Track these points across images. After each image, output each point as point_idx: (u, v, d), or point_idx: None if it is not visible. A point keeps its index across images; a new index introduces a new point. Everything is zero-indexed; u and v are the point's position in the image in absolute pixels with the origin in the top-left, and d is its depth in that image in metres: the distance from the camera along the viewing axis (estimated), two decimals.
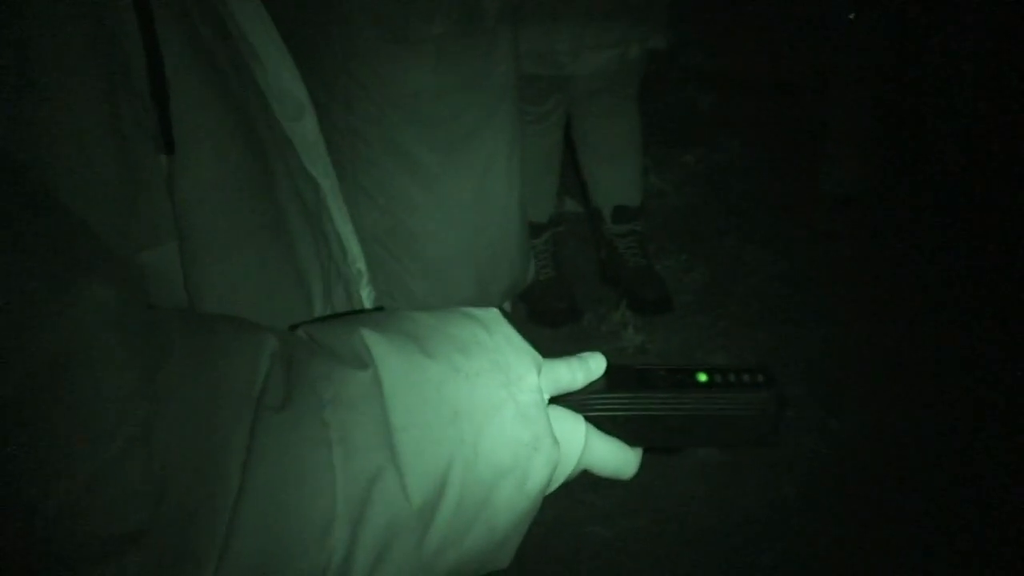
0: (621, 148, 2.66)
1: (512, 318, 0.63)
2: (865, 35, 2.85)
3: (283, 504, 0.47)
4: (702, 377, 0.66)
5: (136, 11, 0.55)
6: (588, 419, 0.65)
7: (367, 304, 0.89)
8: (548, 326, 2.58)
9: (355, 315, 0.63)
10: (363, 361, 0.53)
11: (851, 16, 2.84)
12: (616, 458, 0.64)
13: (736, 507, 2.04)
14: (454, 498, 0.53)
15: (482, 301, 2.18)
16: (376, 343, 0.54)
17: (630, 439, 0.66)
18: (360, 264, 0.88)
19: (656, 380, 0.66)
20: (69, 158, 0.51)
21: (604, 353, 0.66)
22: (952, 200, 2.80)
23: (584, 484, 0.67)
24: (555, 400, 0.63)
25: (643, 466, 0.66)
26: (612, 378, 0.66)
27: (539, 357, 0.61)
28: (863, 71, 2.89)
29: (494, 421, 0.55)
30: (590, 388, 0.65)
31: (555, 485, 0.62)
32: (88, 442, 0.41)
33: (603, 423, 0.65)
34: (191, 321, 0.50)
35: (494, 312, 0.62)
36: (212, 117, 0.62)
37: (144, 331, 0.45)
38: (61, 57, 0.50)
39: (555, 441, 0.58)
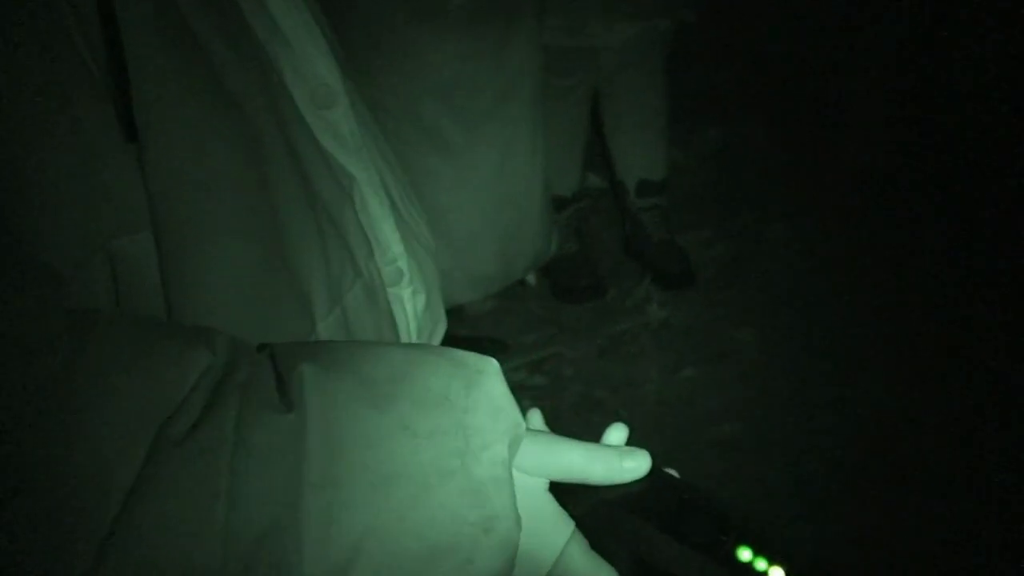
0: (647, 122, 2.64)
1: (536, 292, 0.56)
2: (888, 11, 2.80)
3: (159, 547, 0.43)
4: (744, 555, 0.52)
5: None
6: (587, 527, 0.55)
7: (408, 305, 0.83)
8: (572, 302, 2.57)
9: (333, 344, 0.59)
10: (291, 402, 0.47)
11: None
12: None
13: (758, 484, 2.03)
14: (367, 573, 0.46)
15: (505, 274, 2.20)
16: (313, 384, 0.48)
17: (627, 574, 0.55)
18: (401, 263, 0.81)
19: (692, 526, 0.53)
20: (12, 143, 0.48)
21: (652, 453, 0.56)
22: (977, 174, 2.76)
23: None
24: (567, 490, 0.55)
25: (662, 441, 0.58)
26: (648, 491, 0.55)
27: (521, 428, 0.53)
28: (886, 47, 2.85)
29: (435, 492, 0.48)
30: (619, 490, 0.55)
31: None
32: None
33: (603, 541, 0.55)
34: (122, 327, 0.47)
35: (489, 363, 0.54)
36: (186, 102, 0.56)
37: (41, 341, 0.43)
38: None
39: (517, 524, 0.50)
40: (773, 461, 2.06)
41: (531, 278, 2.53)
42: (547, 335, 2.44)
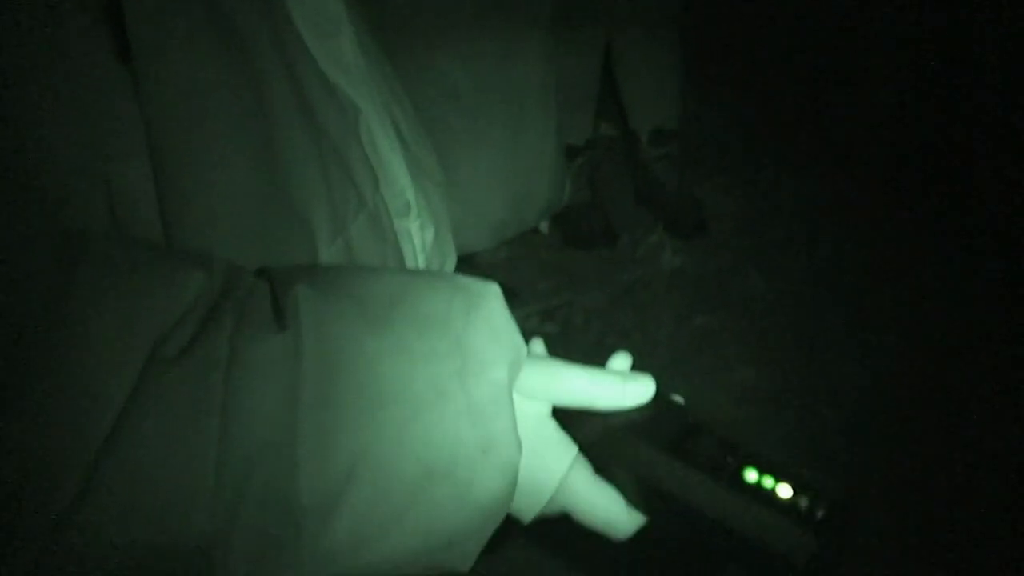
0: (661, 70, 2.60)
1: (548, 240, 0.54)
2: None
3: (151, 466, 0.42)
4: (751, 475, 0.52)
5: None
6: (592, 454, 0.55)
7: (415, 239, 0.82)
8: (584, 249, 2.55)
9: (330, 268, 0.58)
10: (286, 323, 0.47)
11: None
12: (605, 512, 0.55)
13: (773, 430, 2.03)
14: (364, 495, 0.46)
15: (518, 222, 2.19)
16: (308, 305, 0.47)
17: (634, 501, 0.55)
18: (408, 195, 0.81)
19: (698, 449, 0.53)
20: (2, 66, 0.47)
21: (654, 375, 0.55)
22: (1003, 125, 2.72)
23: None
24: (571, 416, 0.55)
25: (675, 388, 0.56)
26: (653, 416, 0.54)
27: (522, 351, 0.52)
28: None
29: (431, 413, 0.48)
30: (623, 415, 0.54)
31: (526, 511, 0.55)
32: None
33: (608, 466, 0.54)
34: (117, 249, 0.47)
35: (490, 287, 0.53)
36: (182, 28, 0.55)
37: (33, 260, 0.43)
38: None
39: (516, 447, 0.49)
40: (788, 407, 2.06)
41: (543, 226, 2.52)
42: (559, 283, 2.43)
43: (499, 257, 2.46)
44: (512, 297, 2.36)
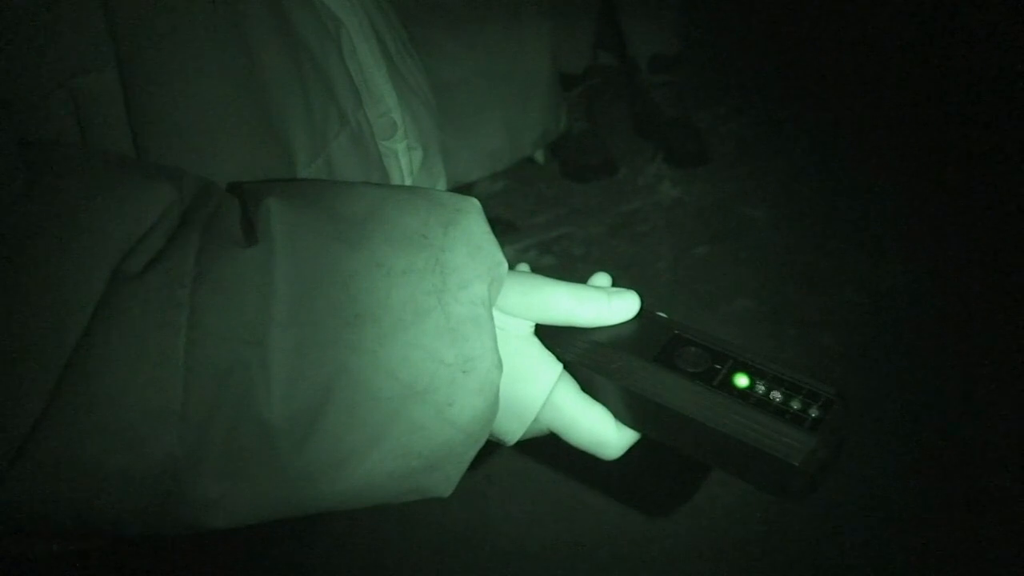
0: None
1: (546, 172, 0.53)
2: None
3: (116, 385, 0.41)
4: (741, 380, 0.51)
5: None
6: (576, 370, 0.53)
7: (403, 160, 0.80)
8: (582, 181, 2.52)
9: (304, 182, 0.56)
10: (256, 237, 0.45)
11: None
12: (593, 430, 0.54)
13: (773, 354, 2.01)
14: (340, 414, 0.45)
15: (513, 149, 2.15)
16: (280, 218, 0.45)
17: (623, 417, 0.54)
18: (395, 115, 0.78)
19: (684, 358, 0.52)
20: None
21: (640, 294, 0.54)
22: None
23: None
24: (555, 333, 0.53)
25: (674, 317, 0.53)
26: (639, 331, 0.53)
27: (502, 267, 0.51)
28: None
29: (409, 331, 0.46)
30: (609, 331, 0.53)
31: (511, 432, 0.53)
32: None
33: (596, 385, 0.53)
34: (83, 161, 0.45)
35: (470, 203, 0.52)
36: None
37: None
38: None
39: (497, 365, 0.48)
40: (787, 335, 2.04)
41: (540, 156, 2.48)
42: (557, 215, 2.40)
43: (496, 189, 2.43)
44: (510, 230, 2.34)
